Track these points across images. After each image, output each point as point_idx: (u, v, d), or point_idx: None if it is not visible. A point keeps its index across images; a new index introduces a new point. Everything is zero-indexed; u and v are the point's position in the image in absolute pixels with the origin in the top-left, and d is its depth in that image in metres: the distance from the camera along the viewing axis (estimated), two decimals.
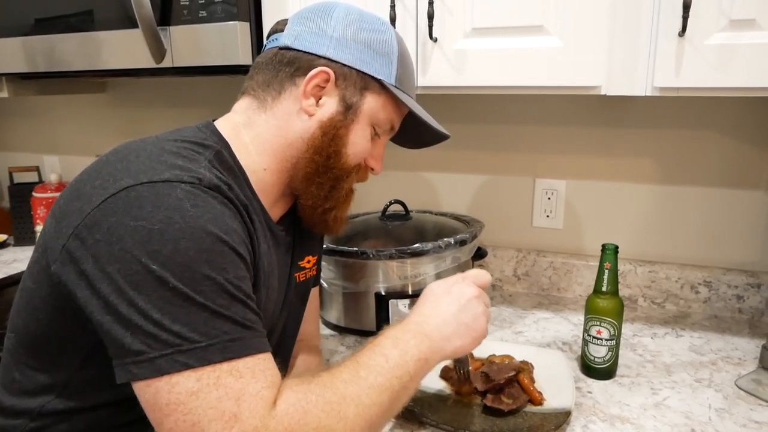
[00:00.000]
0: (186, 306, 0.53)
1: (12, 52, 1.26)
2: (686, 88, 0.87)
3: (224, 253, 0.56)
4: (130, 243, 0.53)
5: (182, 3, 1.06)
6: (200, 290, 0.53)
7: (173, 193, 0.55)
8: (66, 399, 0.63)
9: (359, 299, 1.12)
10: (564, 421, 0.81)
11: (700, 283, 1.23)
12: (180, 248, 0.53)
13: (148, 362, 0.52)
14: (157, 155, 0.59)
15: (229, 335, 0.54)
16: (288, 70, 0.70)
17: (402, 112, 0.78)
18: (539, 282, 1.37)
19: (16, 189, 1.75)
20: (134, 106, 1.73)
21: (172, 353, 0.52)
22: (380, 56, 0.72)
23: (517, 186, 1.37)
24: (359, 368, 0.62)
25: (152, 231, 0.53)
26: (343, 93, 0.71)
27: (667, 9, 0.85)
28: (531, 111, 1.32)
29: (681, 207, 1.25)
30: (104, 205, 0.55)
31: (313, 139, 0.70)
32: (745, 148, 1.18)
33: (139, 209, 0.54)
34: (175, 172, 0.57)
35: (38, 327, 0.62)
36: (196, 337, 0.52)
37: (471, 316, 0.73)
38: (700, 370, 0.99)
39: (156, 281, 0.52)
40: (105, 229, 0.54)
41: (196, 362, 0.52)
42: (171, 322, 0.52)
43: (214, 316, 0.54)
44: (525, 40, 0.93)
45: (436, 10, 0.95)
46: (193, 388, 0.52)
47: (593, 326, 0.94)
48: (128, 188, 0.55)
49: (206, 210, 0.56)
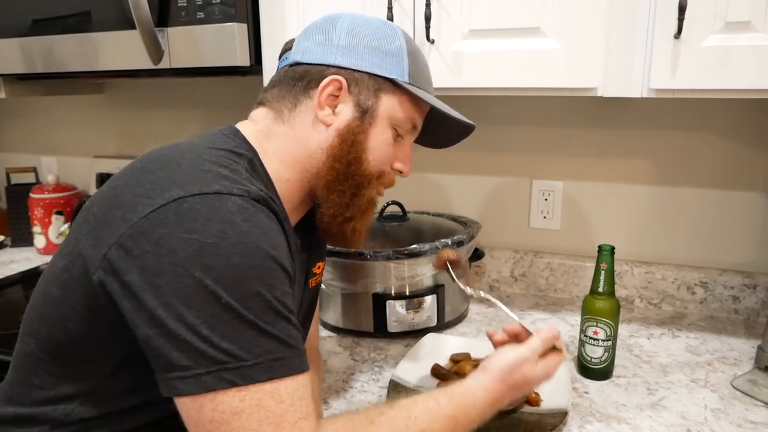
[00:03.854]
0: (235, 323, 0.52)
1: (9, 52, 1.26)
2: (682, 89, 0.87)
3: (272, 269, 0.56)
4: (183, 256, 0.52)
5: (180, 4, 1.06)
6: (250, 307, 0.53)
7: (225, 206, 0.55)
8: (90, 406, 0.61)
9: (357, 300, 1.12)
10: (560, 422, 0.81)
11: (696, 284, 1.24)
12: (233, 263, 0.53)
13: (194, 378, 0.52)
14: (199, 164, 0.59)
15: (273, 354, 0.54)
16: (301, 84, 0.70)
17: (422, 109, 0.76)
18: (536, 283, 1.37)
19: (13, 190, 1.75)
20: (132, 107, 1.73)
21: (218, 370, 0.51)
22: (390, 56, 0.71)
23: (514, 187, 1.37)
24: (409, 414, 0.63)
25: (206, 245, 0.52)
26: (357, 98, 0.70)
27: (663, 11, 0.85)
28: (528, 112, 1.32)
29: (677, 208, 1.25)
30: (153, 216, 0.54)
31: (332, 147, 0.70)
32: (740, 149, 1.18)
33: (192, 222, 0.53)
34: (223, 183, 0.57)
35: (66, 335, 0.60)
36: (243, 355, 0.52)
37: (529, 387, 0.75)
38: (696, 370, 1.00)
39: (208, 296, 0.52)
40: (154, 241, 0.53)
41: (241, 381, 0.52)
42: (220, 339, 0.52)
43: (260, 335, 0.53)
44: (522, 42, 0.94)
45: (434, 11, 0.95)
46: (237, 408, 0.52)
47: (590, 327, 0.94)
48: (179, 199, 0.54)
49: (256, 224, 0.56)
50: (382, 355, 1.07)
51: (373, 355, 1.07)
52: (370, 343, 1.11)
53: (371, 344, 1.11)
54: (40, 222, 1.67)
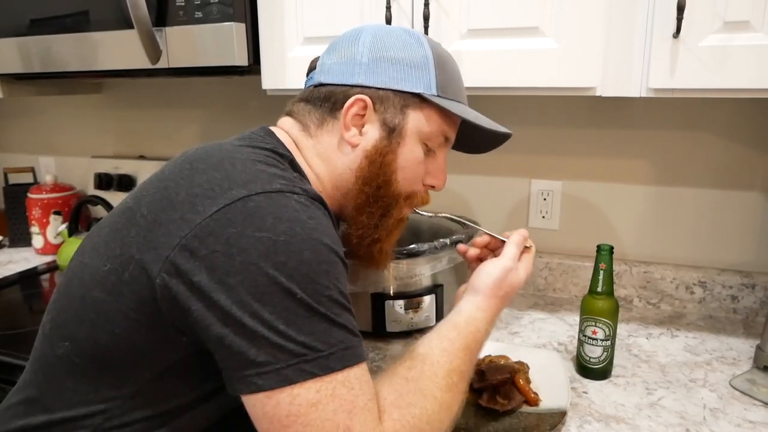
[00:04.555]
0: (309, 316, 0.54)
1: (7, 52, 1.26)
2: (681, 89, 0.87)
3: (336, 263, 0.57)
4: (254, 254, 0.53)
5: (178, 4, 1.06)
6: (321, 300, 0.55)
7: (290, 204, 0.56)
8: (131, 409, 0.61)
9: (355, 300, 1.10)
10: (559, 422, 0.81)
11: (694, 284, 1.24)
12: (304, 260, 0.54)
13: (274, 373, 0.52)
14: (252, 164, 0.60)
15: (344, 344, 0.56)
16: (327, 106, 0.70)
17: (454, 120, 0.75)
18: (535, 282, 1.37)
19: (10, 190, 1.75)
20: (130, 107, 1.73)
21: (298, 362, 0.53)
22: (415, 69, 0.70)
23: (512, 187, 1.37)
24: (451, 372, 0.65)
25: (277, 242, 0.53)
26: (383, 117, 0.69)
27: (661, 10, 0.85)
28: (527, 112, 1.32)
29: (676, 208, 1.25)
30: (219, 215, 0.54)
31: (361, 169, 0.70)
32: (739, 149, 1.18)
33: (261, 220, 0.54)
34: (281, 182, 0.58)
35: (111, 339, 0.59)
36: (320, 346, 0.54)
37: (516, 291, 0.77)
38: (694, 370, 1.00)
39: (283, 293, 0.53)
40: (224, 240, 0.53)
41: (320, 371, 0.53)
42: (296, 333, 0.53)
43: (332, 326, 0.55)
44: (520, 42, 0.94)
45: (432, 11, 0.95)
46: (313, 399, 0.53)
47: (588, 326, 0.94)
48: (244, 198, 0.55)
49: (319, 221, 0.57)
50: (381, 355, 1.07)
51: (372, 355, 1.07)
52: (368, 343, 1.11)
53: (370, 344, 1.11)
54: (38, 222, 1.66)
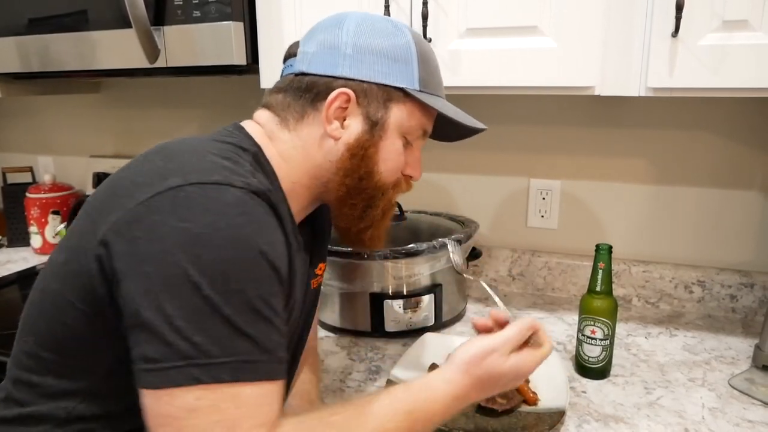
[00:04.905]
0: (212, 317, 0.51)
1: (5, 51, 1.26)
2: (679, 88, 0.87)
3: (261, 266, 0.54)
4: (172, 244, 0.51)
5: (176, 3, 1.06)
6: (230, 302, 0.52)
7: (222, 197, 0.54)
8: (91, 404, 0.61)
9: (355, 299, 1.12)
10: (558, 421, 0.81)
11: (693, 283, 1.24)
12: (221, 256, 0.52)
13: (160, 372, 0.51)
14: (202, 155, 0.58)
15: (244, 356, 0.52)
16: (308, 97, 0.69)
17: (432, 114, 0.74)
18: (534, 282, 1.37)
19: (9, 190, 1.75)
20: (128, 107, 1.72)
21: (186, 365, 0.50)
22: (399, 63, 0.69)
23: (511, 186, 1.37)
24: (363, 412, 0.60)
25: (197, 235, 0.51)
26: (366, 110, 0.68)
27: (660, 10, 0.85)
28: (526, 111, 1.32)
29: (675, 207, 1.25)
30: (149, 202, 0.53)
31: (342, 161, 0.69)
32: (738, 148, 1.18)
33: (187, 210, 0.52)
34: (223, 173, 0.56)
35: (65, 331, 0.59)
36: (214, 351, 0.51)
37: (500, 383, 0.69)
38: (693, 369, 1.00)
39: (191, 287, 0.51)
40: (146, 227, 0.52)
41: (207, 378, 0.51)
42: (193, 332, 0.51)
43: (236, 333, 0.52)
44: (519, 41, 0.93)
45: (431, 10, 0.95)
46: (194, 405, 0.50)
47: (587, 326, 0.94)
48: (177, 188, 0.53)
49: (251, 219, 0.55)
50: (380, 354, 1.07)
51: (371, 354, 1.07)
52: (367, 343, 1.11)
53: (369, 344, 1.11)
54: (36, 222, 1.66)
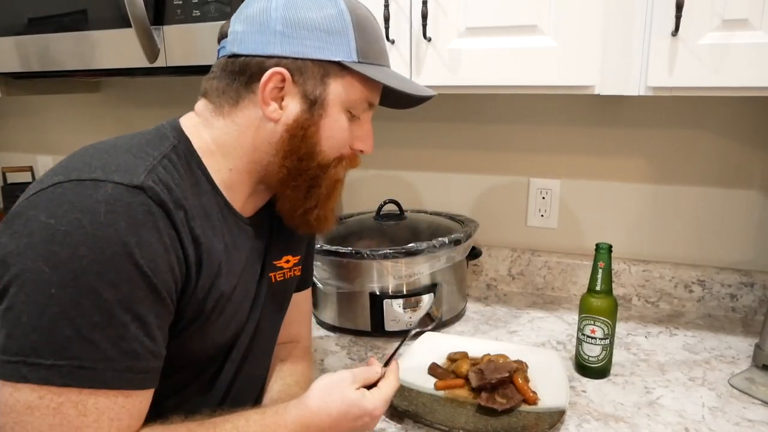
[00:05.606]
0: (55, 317, 0.50)
1: (5, 51, 1.26)
2: (679, 87, 0.87)
3: (123, 268, 0.52)
4: (35, 240, 0.51)
5: (176, 2, 1.06)
6: (79, 303, 0.51)
7: (95, 194, 0.53)
8: None
9: (354, 299, 1.12)
10: (558, 421, 0.81)
11: (693, 282, 1.24)
12: (77, 255, 0.51)
13: (3, 363, 0.51)
14: (104, 151, 0.59)
15: (80, 361, 0.51)
16: (242, 79, 0.66)
17: (377, 85, 0.70)
18: (534, 281, 1.37)
19: (9, 189, 1.75)
20: (128, 106, 1.72)
21: (19, 362, 0.50)
22: (333, 35, 0.65)
23: (511, 185, 1.37)
24: None
25: (57, 232, 0.51)
26: (303, 88, 0.65)
27: (660, 9, 0.85)
28: (525, 110, 1.32)
29: (674, 206, 1.25)
30: (33, 198, 0.54)
31: (282, 143, 0.67)
32: (738, 147, 1.18)
33: (57, 207, 0.52)
34: (108, 169, 0.55)
35: None
36: (46, 353, 0.50)
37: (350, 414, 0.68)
38: (693, 368, 1.00)
39: (42, 284, 0.50)
40: (23, 222, 0.53)
41: (35, 378, 0.50)
42: (32, 330, 0.50)
43: (76, 336, 0.51)
44: (519, 40, 0.93)
45: (430, 9, 0.95)
46: (34, 403, 0.50)
47: (587, 325, 0.94)
48: (56, 184, 0.54)
49: (121, 218, 0.53)
50: (380, 354, 1.06)
51: (371, 354, 1.07)
52: (367, 342, 1.11)
53: (368, 343, 1.11)
54: None
